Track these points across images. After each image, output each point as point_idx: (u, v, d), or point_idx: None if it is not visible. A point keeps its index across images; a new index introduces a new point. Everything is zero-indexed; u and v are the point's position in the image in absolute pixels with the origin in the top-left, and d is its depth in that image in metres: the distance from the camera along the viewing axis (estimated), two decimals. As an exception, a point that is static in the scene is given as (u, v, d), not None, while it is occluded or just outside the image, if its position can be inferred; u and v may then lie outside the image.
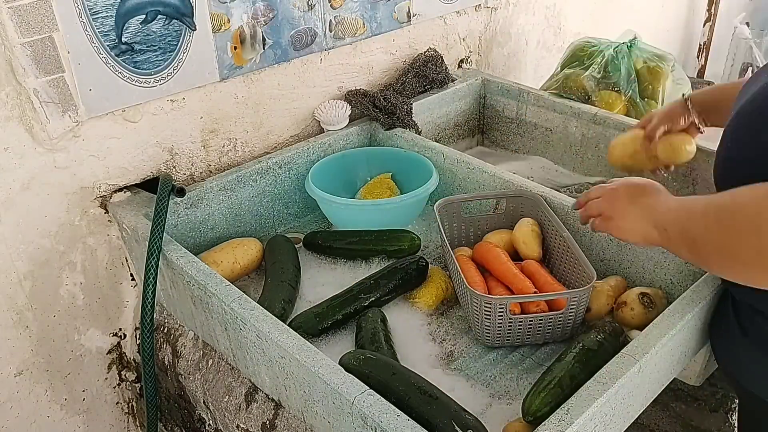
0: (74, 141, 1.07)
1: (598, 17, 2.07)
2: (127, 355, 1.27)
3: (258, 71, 1.26)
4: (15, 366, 1.13)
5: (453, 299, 1.10)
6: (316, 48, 1.33)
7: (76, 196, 1.10)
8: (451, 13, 1.60)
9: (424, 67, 1.51)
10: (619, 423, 0.85)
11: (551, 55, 1.96)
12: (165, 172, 1.20)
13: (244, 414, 1.00)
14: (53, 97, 1.01)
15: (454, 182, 1.30)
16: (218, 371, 1.06)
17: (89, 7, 1.00)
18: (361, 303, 1.04)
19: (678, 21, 2.45)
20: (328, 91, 1.41)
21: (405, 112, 1.40)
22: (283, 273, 1.10)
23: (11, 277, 1.07)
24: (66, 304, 1.15)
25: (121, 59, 1.06)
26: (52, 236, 1.10)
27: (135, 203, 1.14)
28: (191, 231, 1.18)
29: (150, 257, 1.00)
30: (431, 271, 1.12)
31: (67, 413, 1.23)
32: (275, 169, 1.27)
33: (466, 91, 1.60)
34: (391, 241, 1.17)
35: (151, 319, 1.03)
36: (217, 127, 1.25)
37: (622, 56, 1.52)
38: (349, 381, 0.78)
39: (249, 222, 1.27)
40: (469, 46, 1.69)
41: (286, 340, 0.84)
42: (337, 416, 0.80)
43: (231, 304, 0.91)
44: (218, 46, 1.18)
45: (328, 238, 1.22)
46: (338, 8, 1.34)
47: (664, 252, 1.02)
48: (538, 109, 1.55)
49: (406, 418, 0.73)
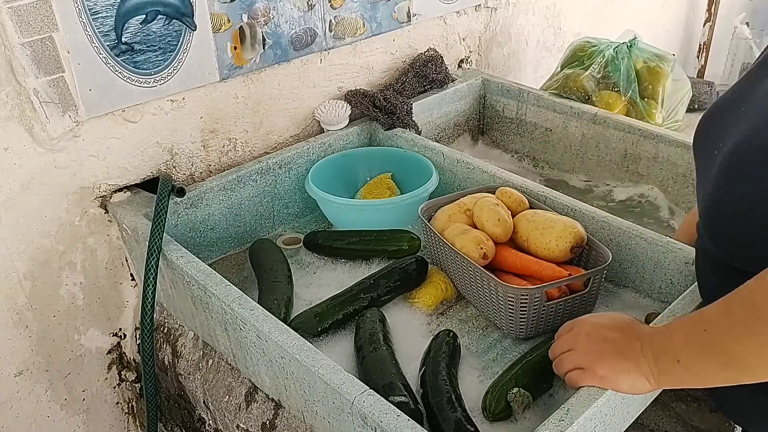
0: (74, 141, 1.07)
1: (598, 17, 2.07)
2: (127, 355, 1.27)
3: (258, 71, 1.26)
4: (15, 366, 1.13)
5: (452, 299, 1.10)
6: (316, 48, 1.33)
7: (76, 196, 1.10)
8: (451, 13, 1.60)
9: (424, 67, 1.51)
10: (619, 423, 0.85)
11: (551, 55, 1.96)
12: (165, 172, 1.20)
13: (244, 414, 1.00)
14: (53, 97, 1.01)
15: (454, 182, 1.30)
16: (218, 371, 1.06)
17: (89, 7, 1.00)
18: (361, 303, 1.04)
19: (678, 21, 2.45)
20: (328, 91, 1.41)
21: (405, 112, 1.40)
22: (275, 274, 1.10)
23: (11, 277, 1.07)
24: (66, 304, 1.15)
25: (121, 59, 1.06)
26: (52, 236, 1.10)
27: (135, 203, 1.14)
28: (191, 231, 1.18)
29: (150, 257, 1.00)
30: (431, 271, 1.12)
31: (67, 413, 1.23)
32: (275, 169, 1.27)
33: (466, 91, 1.60)
34: (391, 241, 1.17)
35: (151, 319, 1.03)
36: (217, 127, 1.25)
37: (622, 56, 1.52)
38: (349, 381, 0.78)
39: (249, 222, 1.27)
40: (469, 46, 1.69)
41: (286, 340, 0.84)
42: (337, 416, 0.80)
43: (231, 304, 0.91)
44: (218, 46, 1.18)
45: (328, 238, 1.22)
46: (338, 8, 1.34)
47: (664, 252, 1.02)
48: (538, 109, 1.55)
49: (406, 418, 0.73)
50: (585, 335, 0.82)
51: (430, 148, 1.32)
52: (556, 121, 1.52)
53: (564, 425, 0.73)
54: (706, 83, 2.11)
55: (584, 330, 0.82)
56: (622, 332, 0.79)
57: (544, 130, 1.55)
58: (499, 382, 0.89)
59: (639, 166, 1.41)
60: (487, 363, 0.98)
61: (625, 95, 1.52)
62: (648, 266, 1.05)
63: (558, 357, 0.84)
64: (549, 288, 0.96)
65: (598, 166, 1.48)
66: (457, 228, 1.08)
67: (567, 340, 0.84)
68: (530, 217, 1.07)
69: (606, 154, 1.45)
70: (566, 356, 0.82)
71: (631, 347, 0.76)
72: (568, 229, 1.02)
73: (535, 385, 0.89)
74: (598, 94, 1.52)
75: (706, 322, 0.69)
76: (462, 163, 1.27)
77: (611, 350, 0.78)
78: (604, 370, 0.77)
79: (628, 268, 1.08)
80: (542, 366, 0.90)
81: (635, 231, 1.05)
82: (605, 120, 1.44)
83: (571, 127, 1.50)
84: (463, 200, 1.14)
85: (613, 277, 1.10)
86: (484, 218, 1.07)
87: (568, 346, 0.83)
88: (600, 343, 0.79)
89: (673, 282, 1.03)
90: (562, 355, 0.83)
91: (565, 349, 0.83)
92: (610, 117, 1.43)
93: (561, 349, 0.84)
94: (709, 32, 2.42)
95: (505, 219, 1.07)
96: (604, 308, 1.06)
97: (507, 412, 0.86)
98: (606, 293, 1.09)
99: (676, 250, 1.01)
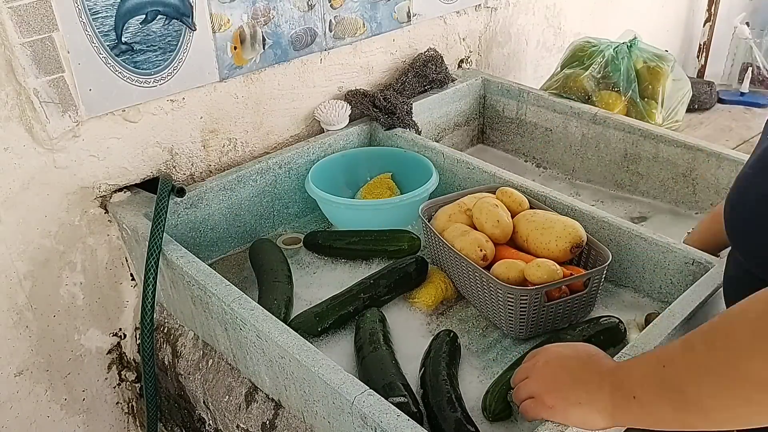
0: (74, 141, 1.07)
1: (598, 17, 2.07)
2: (127, 355, 1.27)
3: (258, 71, 1.26)
4: (15, 366, 1.13)
5: (452, 299, 1.10)
6: (316, 48, 1.33)
7: (76, 196, 1.10)
8: (451, 13, 1.60)
9: (424, 67, 1.51)
10: (619, 423, 0.85)
11: (551, 55, 1.96)
12: (165, 172, 1.20)
13: (244, 414, 1.00)
14: (53, 97, 1.01)
15: (454, 182, 1.30)
16: (218, 371, 1.06)
17: (89, 7, 1.00)
18: (361, 303, 1.04)
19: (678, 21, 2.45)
20: (328, 91, 1.41)
21: (405, 112, 1.40)
22: (275, 274, 1.10)
23: (11, 277, 1.07)
24: (66, 304, 1.15)
25: (121, 59, 1.06)
26: (52, 236, 1.10)
27: (135, 203, 1.14)
28: (191, 231, 1.18)
29: (150, 257, 1.00)
30: (431, 271, 1.12)
31: (67, 413, 1.23)
32: (275, 169, 1.27)
33: (466, 91, 1.60)
34: (391, 242, 1.17)
35: (151, 319, 1.03)
36: (217, 127, 1.25)
37: (622, 56, 1.52)
38: (349, 381, 0.78)
39: (249, 222, 1.27)
40: (469, 46, 1.69)
41: (286, 340, 0.84)
42: (337, 416, 0.80)
43: (231, 304, 0.91)
44: (218, 46, 1.18)
45: (328, 238, 1.22)
46: (338, 8, 1.33)
47: (664, 252, 1.02)
48: (538, 109, 1.55)
49: (406, 418, 0.73)
50: (543, 363, 0.77)
51: (430, 148, 1.32)
52: (556, 121, 1.52)
53: (564, 425, 0.73)
54: (706, 83, 2.10)
55: (543, 358, 0.78)
56: (582, 363, 0.74)
57: (544, 130, 1.55)
58: (499, 382, 0.89)
59: (639, 166, 1.41)
60: (487, 363, 0.98)
61: (625, 95, 1.52)
62: (648, 266, 1.05)
63: (516, 385, 0.80)
64: (549, 288, 0.96)
65: (598, 166, 1.48)
66: (457, 229, 1.08)
67: (526, 368, 0.80)
68: (530, 217, 1.07)
69: (606, 154, 1.45)
70: (522, 384, 0.78)
71: (589, 379, 0.72)
72: (568, 229, 1.02)
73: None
74: (598, 94, 1.52)
75: (666, 358, 0.64)
76: (462, 163, 1.27)
77: (566, 380, 0.73)
78: (553, 400, 0.73)
79: (628, 268, 1.08)
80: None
81: (635, 231, 1.05)
82: (605, 120, 1.44)
83: (571, 127, 1.50)
84: (464, 200, 1.14)
85: (613, 277, 1.10)
86: (483, 219, 1.07)
87: (525, 374, 0.79)
88: (556, 372, 0.75)
89: (673, 282, 1.03)
90: (519, 383, 0.79)
91: (522, 377, 0.79)
92: (610, 117, 1.43)
93: (519, 377, 0.80)
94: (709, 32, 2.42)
95: (505, 220, 1.07)
96: (603, 308, 1.06)
97: (507, 412, 0.87)
98: (606, 293, 1.09)
99: (676, 250, 1.01)
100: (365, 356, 0.93)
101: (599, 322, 0.98)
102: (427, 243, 1.17)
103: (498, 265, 1.00)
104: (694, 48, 2.49)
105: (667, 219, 1.36)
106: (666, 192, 1.38)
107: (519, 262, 1.00)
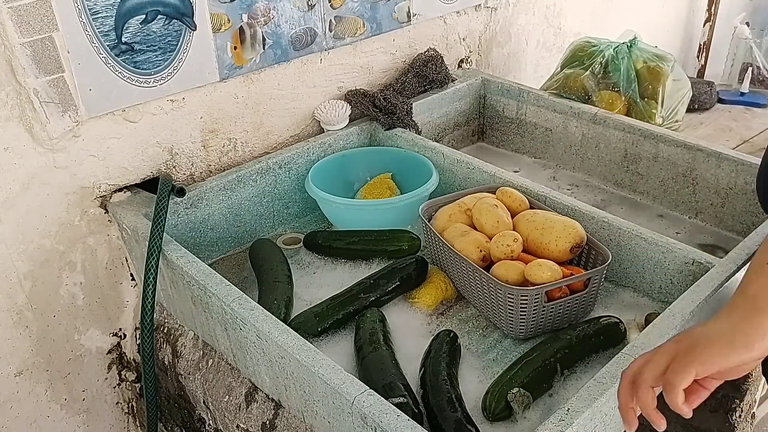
0: (74, 141, 1.07)
1: (598, 17, 2.07)
2: (127, 355, 1.27)
3: (258, 71, 1.26)
4: (15, 366, 1.13)
5: (452, 299, 1.10)
6: (316, 48, 1.33)
7: (76, 196, 1.10)
8: (451, 13, 1.60)
9: (424, 67, 1.51)
10: (619, 423, 0.84)
11: (551, 55, 1.96)
12: (165, 172, 1.20)
13: (244, 414, 1.00)
14: (53, 97, 1.01)
15: (454, 182, 1.30)
16: (218, 371, 1.06)
17: (89, 7, 1.00)
18: (361, 303, 1.04)
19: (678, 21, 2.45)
20: (328, 91, 1.41)
21: (405, 112, 1.40)
22: (275, 274, 1.10)
23: (11, 277, 1.07)
24: (66, 304, 1.15)
25: (121, 59, 1.06)
26: (52, 236, 1.10)
27: (135, 203, 1.14)
28: (191, 231, 1.18)
29: (150, 257, 1.00)
30: (431, 272, 1.12)
31: (67, 413, 1.23)
32: (275, 169, 1.27)
33: (466, 91, 1.60)
34: (391, 242, 1.17)
35: (151, 319, 1.03)
36: (217, 127, 1.25)
37: (622, 56, 1.52)
38: (349, 381, 0.78)
39: (249, 222, 1.27)
40: (469, 46, 1.69)
41: (286, 340, 0.84)
42: (337, 416, 0.80)
43: (231, 304, 0.91)
44: (218, 46, 1.18)
45: (328, 238, 1.22)
46: (338, 8, 1.34)
47: (664, 252, 1.02)
48: (538, 109, 1.55)
49: (406, 418, 0.73)
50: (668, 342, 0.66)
51: (430, 148, 1.32)
52: (556, 121, 1.52)
53: (564, 425, 0.73)
54: (706, 83, 2.10)
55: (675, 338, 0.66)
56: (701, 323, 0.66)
57: (544, 130, 1.55)
58: (499, 382, 0.89)
59: (639, 166, 1.41)
60: (487, 363, 0.98)
61: (625, 95, 1.52)
62: (648, 266, 1.05)
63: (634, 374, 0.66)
64: (549, 288, 0.96)
65: (598, 166, 1.48)
66: (457, 229, 1.08)
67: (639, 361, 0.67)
68: (530, 217, 1.07)
69: (606, 154, 1.45)
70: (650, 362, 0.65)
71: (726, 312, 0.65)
72: (568, 229, 1.02)
73: (535, 385, 0.89)
74: (598, 94, 1.52)
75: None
76: (462, 163, 1.27)
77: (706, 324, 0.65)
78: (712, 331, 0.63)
79: (628, 268, 1.08)
80: (542, 366, 0.90)
81: (635, 231, 1.05)
82: (605, 120, 1.44)
83: (571, 127, 1.50)
84: (464, 200, 1.14)
85: (613, 277, 1.10)
86: (483, 220, 1.07)
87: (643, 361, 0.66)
88: (689, 330, 0.66)
89: (673, 282, 1.03)
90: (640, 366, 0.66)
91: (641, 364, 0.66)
92: (610, 117, 1.43)
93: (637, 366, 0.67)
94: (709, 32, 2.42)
95: (504, 220, 1.07)
96: (603, 308, 1.06)
97: (507, 412, 0.87)
98: (606, 293, 1.09)
99: (676, 250, 1.01)
100: (365, 356, 0.93)
101: (599, 322, 0.98)
102: (427, 243, 1.17)
103: (498, 266, 1.01)
104: (694, 48, 2.49)
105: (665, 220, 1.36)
106: (666, 192, 1.38)
107: (519, 263, 1.00)
